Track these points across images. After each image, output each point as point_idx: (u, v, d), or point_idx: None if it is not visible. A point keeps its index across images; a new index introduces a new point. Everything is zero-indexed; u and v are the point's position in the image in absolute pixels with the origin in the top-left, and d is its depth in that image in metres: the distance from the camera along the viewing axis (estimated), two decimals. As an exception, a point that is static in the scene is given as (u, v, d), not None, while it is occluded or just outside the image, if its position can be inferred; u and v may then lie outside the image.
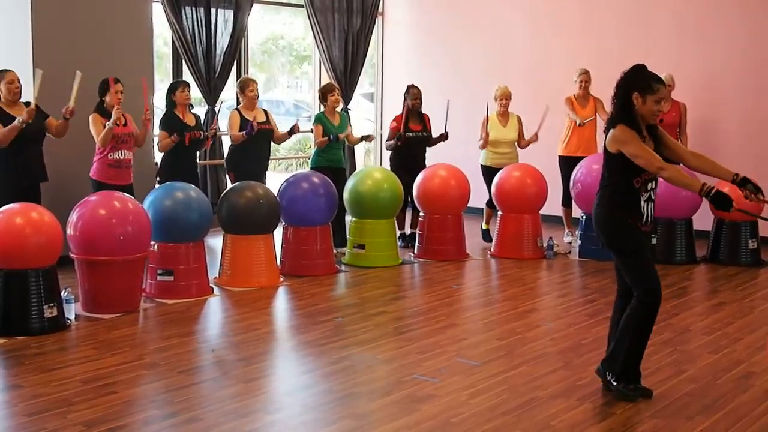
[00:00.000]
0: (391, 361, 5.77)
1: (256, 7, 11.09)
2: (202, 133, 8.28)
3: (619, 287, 5.21)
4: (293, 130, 8.92)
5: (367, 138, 9.67)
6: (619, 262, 5.05)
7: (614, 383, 5.04)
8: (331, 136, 8.91)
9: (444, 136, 9.69)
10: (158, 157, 8.59)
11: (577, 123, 9.64)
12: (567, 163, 9.68)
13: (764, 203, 4.86)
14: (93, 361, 5.62)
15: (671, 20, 10.63)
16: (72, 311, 6.54)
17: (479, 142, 9.79)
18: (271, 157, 9.29)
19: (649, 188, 4.92)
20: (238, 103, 8.88)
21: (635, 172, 4.85)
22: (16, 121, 7.02)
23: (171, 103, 8.22)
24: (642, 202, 4.91)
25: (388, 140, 9.74)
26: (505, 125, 9.83)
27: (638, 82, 4.86)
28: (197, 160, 8.93)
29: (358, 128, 11.51)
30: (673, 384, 5.32)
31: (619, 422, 4.72)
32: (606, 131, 4.97)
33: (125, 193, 7.06)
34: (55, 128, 7.38)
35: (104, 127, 7.41)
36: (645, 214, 4.93)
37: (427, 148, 9.85)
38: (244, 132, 8.42)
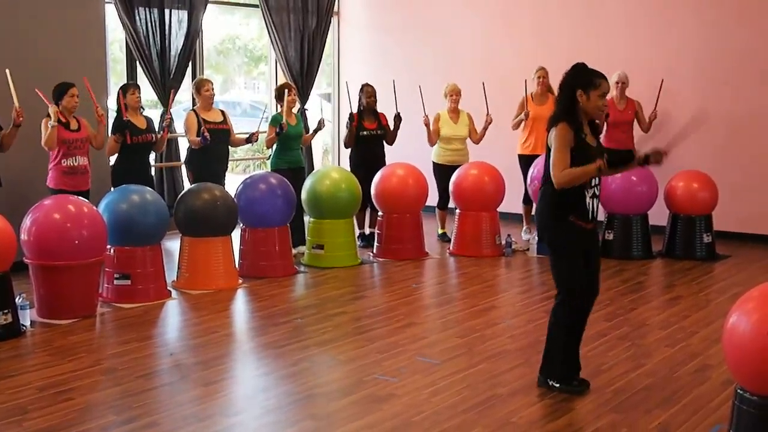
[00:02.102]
0: (351, 362, 5.76)
1: (210, 7, 11.01)
2: (153, 136, 8.18)
3: None
4: (251, 139, 8.87)
5: (319, 124, 9.49)
6: (550, 257, 5.10)
7: (557, 386, 5.08)
8: (278, 129, 8.82)
9: (398, 117, 9.66)
10: (112, 161, 8.49)
11: (516, 119, 9.76)
12: (526, 162, 9.73)
13: (663, 153, 4.99)
14: (49, 368, 5.55)
15: (622, 17, 10.73)
16: (27, 317, 6.45)
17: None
18: (229, 157, 9.23)
19: (593, 184, 4.97)
20: (194, 104, 8.82)
21: None
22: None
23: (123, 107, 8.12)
24: (587, 199, 4.95)
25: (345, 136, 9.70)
26: (456, 122, 9.88)
27: (580, 79, 4.92)
28: (151, 163, 8.84)
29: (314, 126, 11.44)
30: (631, 378, 5.37)
31: (578, 417, 4.76)
32: (548, 129, 5.01)
33: (79, 197, 6.97)
34: (2, 139, 7.26)
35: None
36: (589, 211, 4.96)
37: (387, 147, 9.83)
38: (200, 140, 8.35)
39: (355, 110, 9.72)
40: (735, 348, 3.66)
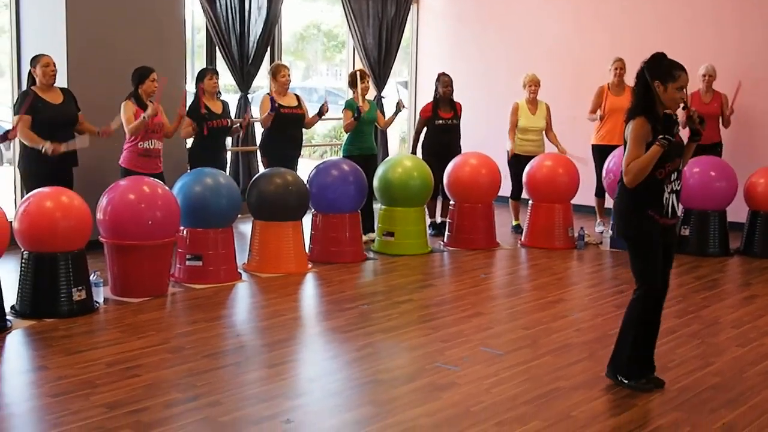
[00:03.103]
0: (415, 349, 5.78)
1: (292, -6, 11.09)
2: (229, 120, 8.29)
3: None
4: (322, 111, 8.86)
5: (397, 107, 9.44)
6: (629, 251, 5.01)
7: (626, 382, 5.00)
8: (355, 114, 8.86)
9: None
10: (189, 144, 8.62)
11: (590, 119, 9.61)
12: (600, 152, 9.61)
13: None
14: (119, 344, 5.67)
15: (710, 11, 10.49)
16: (101, 295, 6.61)
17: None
18: (306, 144, 9.29)
19: (672, 179, 4.85)
20: (270, 89, 8.90)
21: (658, 163, 4.78)
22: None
23: (198, 90, 8.25)
24: (666, 194, 4.84)
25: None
26: (534, 113, 9.79)
27: (658, 70, 4.79)
28: (227, 148, 8.96)
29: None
30: (698, 377, 5.26)
31: (640, 414, 4.68)
32: (626, 122, 4.90)
33: (155, 179, 7.10)
34: (82, 126, 7.44)
35: (135, 117, 7.45)
36: (667, 206, 4.86)
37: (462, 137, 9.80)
38: (269, 111, 8.43)
39: (430, 99, 9.70)
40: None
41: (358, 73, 9.20)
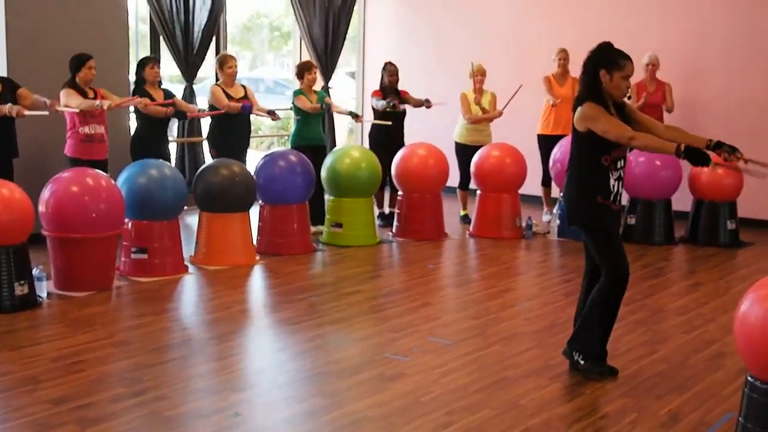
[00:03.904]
0: (364, 340, 5.76)
1: (237, -17, 10.99)
2: (173, 109, 8.15)
3: (587, 266, 5.20)
4: (271, 117, 8.83)
5: (355, 117, 9.58)
6: (587, 239, 5.04)
7: (581, 362, 5.04)
8: (390, 105, 9.08)
9: (428, 102, 9.63)
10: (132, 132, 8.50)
11: (551, 103, 9.62)
12: (546, 142, 9.68)
13: (741, 160, 4.82)
14: (63, 339, 5.57)
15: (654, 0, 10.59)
16: (44, 289, 6.48)
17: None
18: (252, 135, 9.23)
19: (618, 166, 4.90)
20: (217, 79, 8.82)
21: (604, 150, 4.83)
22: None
23: (141, 80, 8.13)
24: (612, 181, 4.88)
25: (379, 103, 9.56)
26: (480, 103, 9.80)
27: (605, 59, 4.83)
28: (170, 138, 8.85)
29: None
30: (645, 363, 5.32)
31: (589, 401, 4.72)
32: (573, 109, 4.93)
33: (98, 170, 6.99)
34: (30, 102, 7.25)
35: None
36: (614, 192, 4.90)
37: (408, 126, 9.78)
38: (241, 106, 8.35)
39: (377, 88, 9.68)
40: (746, 335, 3.59)
41: (305, 64, 9.17)
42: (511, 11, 11.68)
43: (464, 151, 9.75)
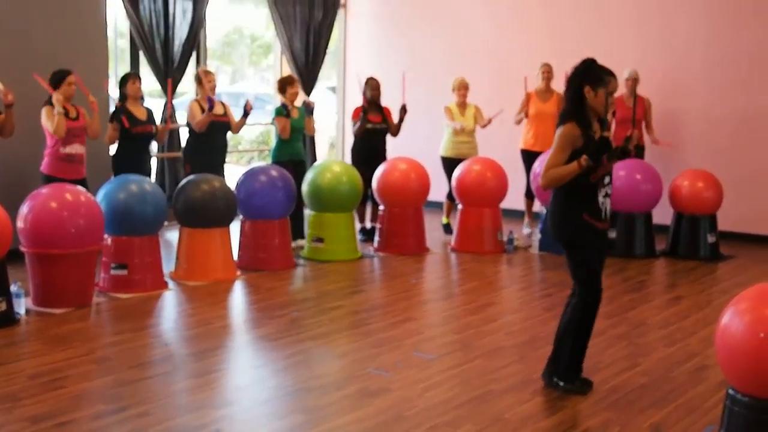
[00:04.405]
0: (346, 356, 5.73)
1: (218, -2, 10.98)
2: (153, 127, 8.13)
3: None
4: (246, 111, 8.72)
5: (306, 105, 9.45)
6: (567, 257, 5.04)
7: (561, 384, 5.03)
8: (284, 112, 8.85)
9: (404, 108, 9.58)
10: (113, 151, 8.44)
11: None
12: (528, 157, 9.71)
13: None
14: (42, 356, 5.52)
15: (634, 15, 10.65)
16: (22, 306, 6.41)
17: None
18: (232, 149, 9.20)
19: (605, 182, 4.89)
20: (197, 95, 8.79)
21: (590, 169, 4.82)
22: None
23: (122, 96, 8.09)
24: (600, 198, 4.87)
25: (354, 127, 9.58)
26: (464, 115, 9.83)
27: (589, 75, 4.84)
28: (151, 154, 8.80)
29: (323, 123, 11.39)
30: (627, 377, 5.32)
31: (571, 415, 4.71)
32: (558, 126, 4.93)
33: (78, 185, 6.94)
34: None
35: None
36: (602, 210, 4.89)
37: (389, 140, 9.78)
38: (207, 109, 8.32)
39: (359, 104, 9.69)
40: (727, 348, 3.61)
41: (287, 79, 9.14)
42: (489, 26, 11.73)
43: (451, 165, 9.72)
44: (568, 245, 4.98)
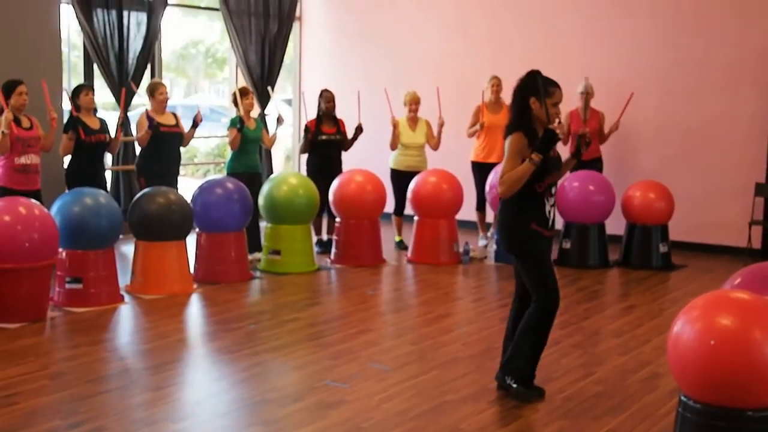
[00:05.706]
0: (303, 368, 5.74)
1: (172, 10, 10.93)
2: (107, 136, 8.08)
3: (517, 291, 5.27)
4: (195, 122, 8.69)
5: (278, 122, 9.45)
6: (519, 266, 5.10)
7: (514, 385, 5.09)
8: (238, 125, 8.80)
9: (359, 128, 9.63)
10: (66, 163, 8.38)
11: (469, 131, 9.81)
12: (479, 169, 9.78)
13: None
14: (-5, 372, 5.47)
15: (579, 27, 10.77)
16: (-25, 321, 6.35)
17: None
18: (188, 162, 9.16)
19: (552, 192, 4.99)
20: (150, 107, 8.75)
21: (537, 177, 4.90)
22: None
23: (76, 108, 8.02)
24: (548, 207, 4.97)
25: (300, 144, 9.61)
26: (414, 130, 9.86)
27: (534, 86, 4.93)
28: (105, 167, 8.74)
29: (279, 135, 11.33)
30: (582, 385, 5.39)
31: (527, 424, 4.76)
32: (505, 137, 5.01)
33: (32, 199, 6.88)
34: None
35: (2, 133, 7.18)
36: (549, 219, 4.99)
37: (344, 153, 9.82)
38: (147, 127, 8.28)
39: (314, 116, 9.70)
40: (679, 355, 3.68)
41: (241, 90, 9.13)
42: (437, 41, 11.78)
43: (399, 177, 9.80)
44: (520, 254, 5.05)
